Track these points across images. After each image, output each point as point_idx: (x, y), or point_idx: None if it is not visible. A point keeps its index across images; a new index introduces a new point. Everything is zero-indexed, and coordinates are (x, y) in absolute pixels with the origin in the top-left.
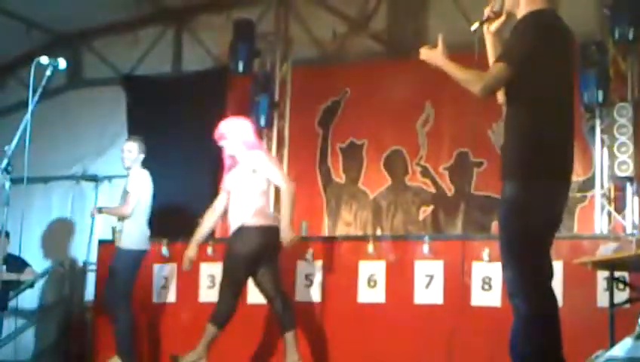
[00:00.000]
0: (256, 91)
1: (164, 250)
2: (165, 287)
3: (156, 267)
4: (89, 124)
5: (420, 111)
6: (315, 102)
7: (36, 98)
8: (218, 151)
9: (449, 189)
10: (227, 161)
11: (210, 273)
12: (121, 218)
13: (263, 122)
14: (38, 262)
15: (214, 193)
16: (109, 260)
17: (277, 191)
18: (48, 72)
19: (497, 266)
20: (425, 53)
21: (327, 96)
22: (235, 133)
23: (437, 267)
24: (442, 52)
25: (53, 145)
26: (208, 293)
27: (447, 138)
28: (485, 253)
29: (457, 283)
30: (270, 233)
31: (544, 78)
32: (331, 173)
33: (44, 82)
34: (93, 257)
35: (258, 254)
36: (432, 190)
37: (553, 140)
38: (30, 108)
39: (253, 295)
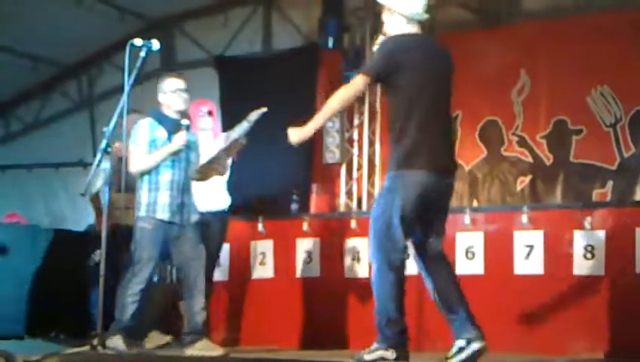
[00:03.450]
0: (347, 66)
1: (261, 227)
2: (263, 263)
3: (253, 243)
4: None
5: (515, 79)
6: None
7: (132, 80)
8: None
9: (547, 158)
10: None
11: (307, 249)
12: None
13: None
14: None
15: (308, 170)
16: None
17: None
18: (142, 54)
19: (600, 234)
20: (293, 137)
21: None
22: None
23: (537, 237)
24: (299, 127)
25: None
26: (305, 268)
27: (544, 106)
28: (587, 222)
29: (558, 253)
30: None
31: (405, 86)
32: None
33: (139, 64)
34: None
35: None
36: (530, 160)
37: (416, 136)
38: (126, 89)
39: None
